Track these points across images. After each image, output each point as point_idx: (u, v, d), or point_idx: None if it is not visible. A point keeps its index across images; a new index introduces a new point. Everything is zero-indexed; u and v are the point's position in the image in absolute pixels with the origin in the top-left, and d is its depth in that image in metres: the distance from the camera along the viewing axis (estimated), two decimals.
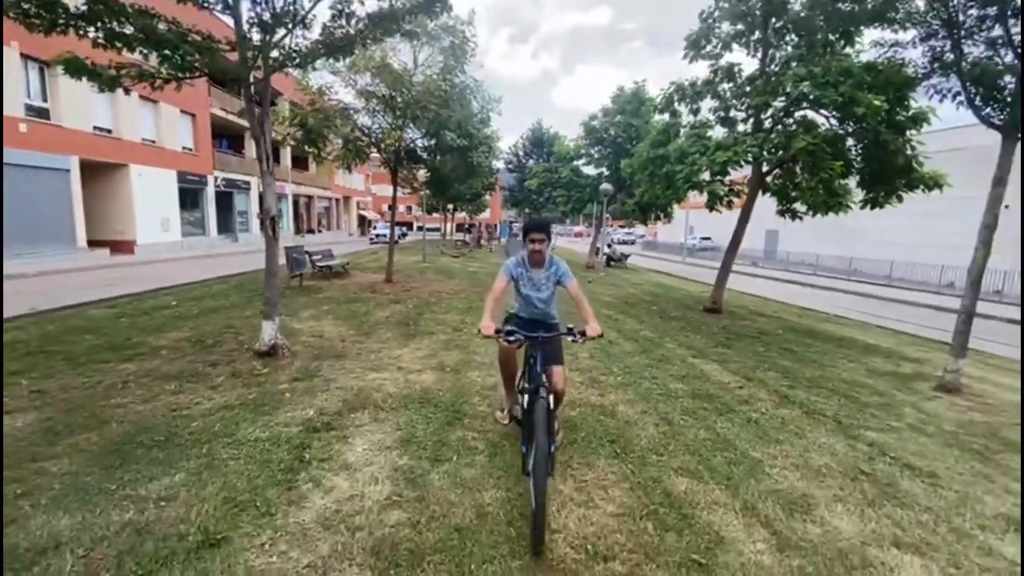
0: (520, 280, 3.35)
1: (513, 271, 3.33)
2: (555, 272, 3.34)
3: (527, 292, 3.37)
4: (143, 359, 5.25)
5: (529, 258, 3.31)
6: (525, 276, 3.34)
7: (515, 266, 3.34)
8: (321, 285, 11.67)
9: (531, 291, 3.37)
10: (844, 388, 5.65)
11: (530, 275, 3.34)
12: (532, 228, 3.24)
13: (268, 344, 5.35)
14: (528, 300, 3.41)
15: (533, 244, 3.20)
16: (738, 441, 3.96)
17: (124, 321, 7.03)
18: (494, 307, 3.12)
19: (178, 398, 4.19)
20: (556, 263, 3.35)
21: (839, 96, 7.85)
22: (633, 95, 20.06)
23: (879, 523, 2.93)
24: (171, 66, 4.54)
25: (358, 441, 3.52)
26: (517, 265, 3.34)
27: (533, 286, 3.36)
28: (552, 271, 3.35)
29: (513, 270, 3.33)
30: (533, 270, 3.34)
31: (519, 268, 3.34)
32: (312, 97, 10.49)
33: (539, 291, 3.37)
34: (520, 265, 3.34)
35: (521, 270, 3.34)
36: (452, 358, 5.86)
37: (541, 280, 3.35)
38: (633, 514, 2.86)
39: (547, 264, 3.34)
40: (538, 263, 3.33)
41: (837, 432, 4.31)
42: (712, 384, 5.48)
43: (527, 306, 3.44)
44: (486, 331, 2.91)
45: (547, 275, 3.35)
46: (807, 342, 8.16)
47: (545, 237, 3.23)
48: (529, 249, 3.24)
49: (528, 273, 3.34)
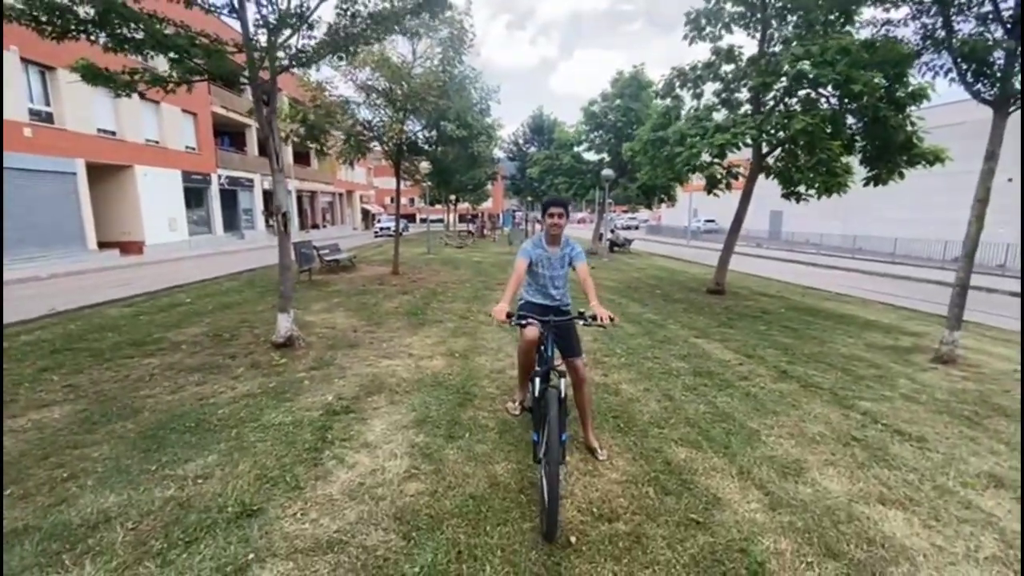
0: (539, 261, 3.33)
1: (532, 252, 3.30)
2: (569, 252, 3.35)
3: (542, 272, 3.35)
4: (165, 353, 5.49)
5: (547, 235, 3.30)
6: (543, 256, 3.32)
7: (534, 246, 3.33)
8: (330, 279, 11.90)
9: (547, 270, 3.34)
10: (842, 362, 5.81)
11: (548, 254, 3.32)
12: (552, 204, 3.22)
13: (284, 336, 5.57)
14: (543, 281, 3.39)
15: (552, 219, 3.19)
16: (736, 414, 4.15)
17: (143, 319, 7.28)
18: (514, 289, 3.07)
19: (203, 388, 4.42)
20: (571, 243, 3.37)
21: (837, 75, 7.91)
22: (632, 79, 20.02)
23: (867, 483, 3.12)
24: (181, 69, 4.71)
25: (376, 422, 3.74)
26: (536, 245, 3.33)
27: (550, 265, 3.34)
28: (567, 251, 3.35)
29: (532, 251, 3.30)
30: (551, 248, 3.32)
31: (537, 248, 3.32)
32: (313, 93, 10.61)
33: (554, 270, 3.36)
34: (539, 245, 3.33)
35: (540, 250, 3.32)
36: (460, 344, 6.06)
37: (556, 260, 3.34)
38: (636, 481, 3.06)
39: (563, 244, 3.35)
40: (555, 240, 3.31)
41: (832, 403, 4.49)
42: (713, 362, 5.66)
43: (540, 289, 3.42)
44: (498, 315, 2.76)
45: (562, 255, 3.35)
46: (808, 320, 8.30)
47: (564, 212, 3.21)
48: (548, 224, 3.21)
49: (546, 252, 3.32)
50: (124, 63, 4.82)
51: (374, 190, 59.38)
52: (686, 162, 9.28)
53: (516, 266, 3.23)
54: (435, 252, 20.85)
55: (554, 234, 3.26)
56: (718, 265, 11.21)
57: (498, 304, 2.85)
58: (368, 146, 11.62)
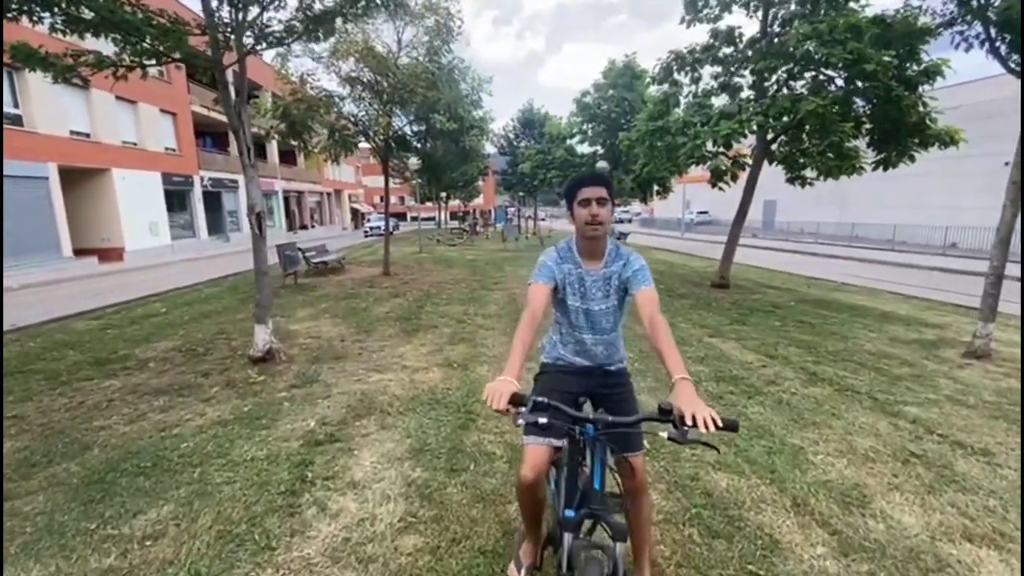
0: (567, 285, 1.94)
1: (556, 270, 1.92)
2: (620, 269, 1.91)
3: (573, 304, 1.95)
4: (129, 373, 4.93)
5: (579, 239, 1.92)
6: (574, 276, 1.93)
7: (559, 260, 1.94)
8: (317, 282, 11.33)
9: (581, 301, 1.94)
10: (871, 360, 5.38)
11: (581, 273, 1.93)
12: (584, 182, 1.85)
13: (263, 349, 5.04)
14: (575, 321, 1.97)
15: (587, 208, 1.80)
16: (773, 427, 3.69)
17: (110, 333, 6.69)
18: (528, 342, 1.70)
19: (167, 415, 3.88)
20: (623, 252, 1.95)
21: (848, 54, 7.46)
22: (625, 68, 19.54)
23: (943, 513, 2.66)
24: (134, 52, 4.14)
25: (365, 453, 3.23)
26: (563, 258, 1.95)
27: (585, 292, 1.94)
28: (617, 267, 1.92)
29: (556, 268, 1.92)
30: (587, 262, 1.93)
31: (565, 262, 1.94)
32: (293, 86, 10.01)
33: (594, 302, 1.94)
34: (566, 257, 1.95)
35: (568, 266, 1.94)
36: (458, 352, 5.55)
37: (596, 283, 1.93)
38: (675, 520, 2.58)
39: (609, 254, 1.93)
40: (595, 249, 1.92)
41: (875, 410, 4.04)
42: (734, 364, 5.20)
43: (571, 335, 2.01)
44: (495, 402, 1.44)
45: (607, 274, 1.92)
46: (822, 313, 7.88)
47: (607, 194, 1.83)
48: (581, 217, 1.83)
49: (579, 270, 1.93)
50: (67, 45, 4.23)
51: (363, 189, 58.50)
52: (690, 154, 8.80)
53: (530, 298, 1.84)
54: (427, 251, 20.29)
55: (592, 235, 1.85)
56: (722, 258, 10.76)
57: (499, 379, 1.52)
58: (354, 142, 11.03)
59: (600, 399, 1.99)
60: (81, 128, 17.62)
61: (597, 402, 2.00)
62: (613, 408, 1.89)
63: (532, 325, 1.73)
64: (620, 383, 2.03)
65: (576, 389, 1.96)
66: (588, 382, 1.99)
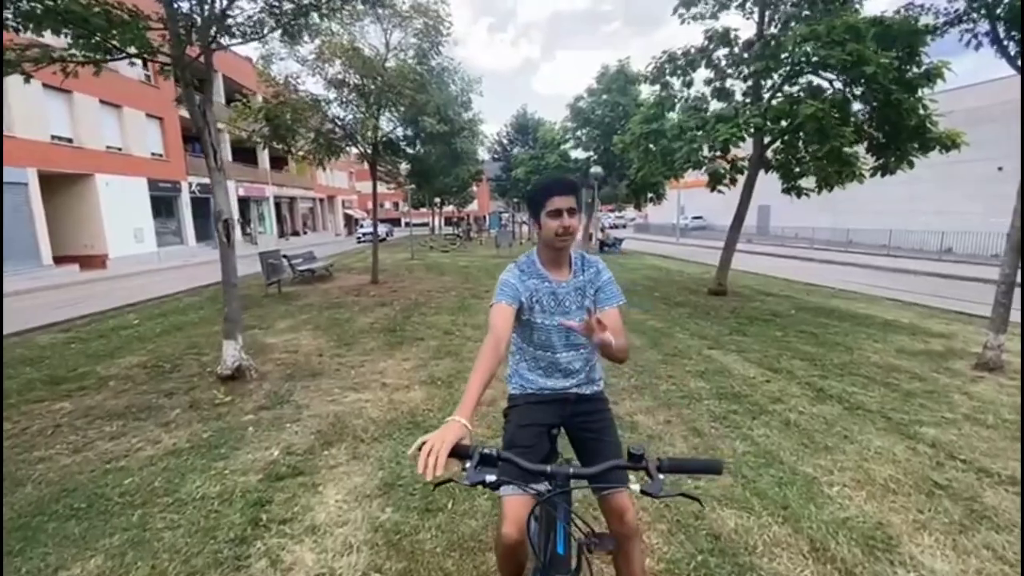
0: (535, 302, 1.71)
1: (520, 286, 1.68)
2: (592, 278, 1.76)
3: (541, 322, 1.72)
4: (85, 394, 4.56)
5: (544, 249, 1.72)
6: (543, 292, 1.71)
7: (522, 276, 1.71)
8: (302, 291, 10.96)
9: (549, 317, 1.72)
10: (879, 374, 5.09)
11: (550, 287, 1.72)
12: (550, 188, 1.64)
13: (232, 366, 4.68)
14: (545, 340, 1.75)
15: (557, 219, 1.61)
16: (782, 452, 3.38)
17: (74, 347, 6.30)
18: (490, 372, 1.43)
19: (117, 444, 3.52)
20: (590, 261, 1.81)
21: (847, 56, 7.24)
22: (619, 73, 19.38)
23: (979, 558, 2.35)
24: (85, 47, 3.81)
25: (331, 489, 2.88)
26: (526, 273, 1.73)
27: (556, 306, 1.72)
28: (591, 274, 1.77)
29: (520, 284, 1.68)
30: (554, 274, 1.73)
31: (529, 278, 1.72)
32: (277, 89, 9.69)
33: (571, 315, 1.70)
34: (530, 272, 1.73)
35: (533, 281, 1.71)
36: (443, 368, 5.22)
37: (571, 293, 1.73)
38: (678, 569, 2.25)
39: (575, 263, 1.77)
40: (561, 259, 1.73)
41: (890, 431, 3.74)
42: (736, 380, 4.89)
43: (542, 356, 1.77)
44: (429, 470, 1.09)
45: (580, 283, 1.74)
46: (824, 322, 7.61)
47: (575, 203, 1.64)
48: (549, 227, 1.63)
49: (549, 284, 1.72)
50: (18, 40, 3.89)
51: (357, 195, 58.09)
52: (686, 158, 8.54)
53: (492, 322, 1.58)
54: (419, 257, 19.94)
55: (562, 246, 1.67)
56: (719, 265, 10.49)
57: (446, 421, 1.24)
58: (340, 145, 10.71)
59: (576, 428, 1.78)
60: (63, 132, 17.22)
61: (573, 432, 1.79)
62: (590, 440, 1.73)
63: (496, 353, 1.47)
64: (598, 408, 1.81)
65: (548, 420, 1.73)
66: (562, 410, 1.77)
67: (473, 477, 1.15)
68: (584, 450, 1.76)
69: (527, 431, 1.69)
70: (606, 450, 1.68)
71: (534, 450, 1.62)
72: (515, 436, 1.69)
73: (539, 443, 1.66)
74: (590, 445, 1.73)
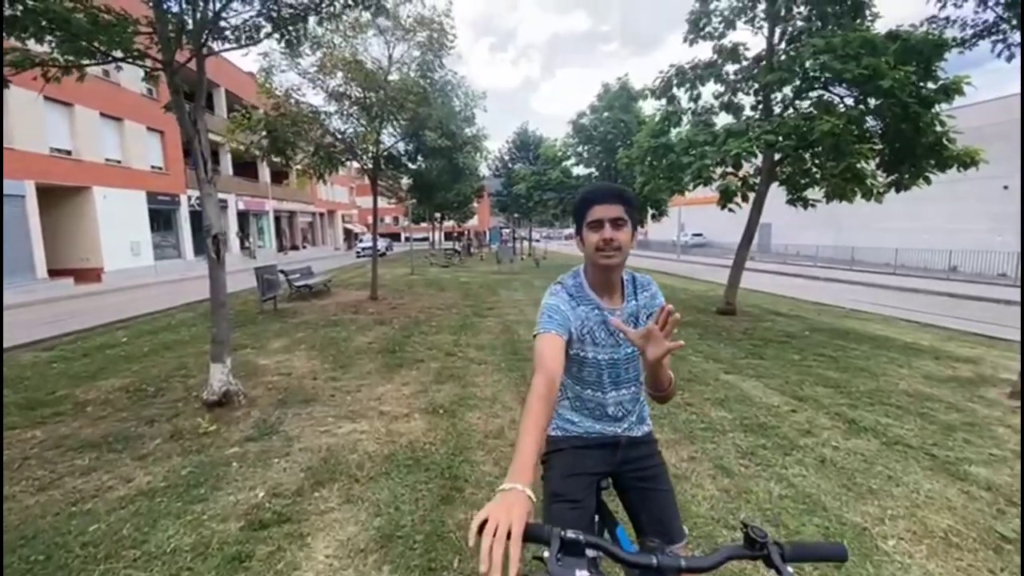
0: (585, 333, 1.47)
1: (571, 314, 1.43)
2: (651, 299, 1.53)
3: (593, 356, 1.49)
4: (61, 421, 4.22)
5: (593, 271, 1.47)
6: (594, 321, 1.47)
7: (571, 301, 1.46)
8: (298, 307, 10.64)
9: (602, 351, 1.48)
10: (912, 404, 4.77)
11: (604, 315, 1.46)
12: (593, 197, 1.39)
13: (219, 391, 4.36)
14: (599, 380, 1.52)
15: (599, 232, 1.36)
16: (824, 496, 3.04)
17: (56, 367, 5.97)
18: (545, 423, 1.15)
19: (87, 481, 3.18)
20: (644, 282, 1.56)
21: (863, 70, 7.06)
22: (621, 90, 19.33)
23: None
24: (68, 50, 3.57)
25: (320, 542, 2.54)
26: (575, 299, 1.47)
27: (609, 339, 1.48)
28: (645, 297, 1.53)
29: (570, 312, 1.43)
30: (606, 300, 1.47)
31: (580, 304, 1.46)
32: (277, 101, 9.50)
33: (617, 350, 1.49)
34: (579, 297, 1.47)
35: (584, 308, 1.46)
36: (445, 393, 4.89)
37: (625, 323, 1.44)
38: None
39: (629, 287, 1.52)
40: (612, 284, 1.48)
41: (937, 471, 3.41)
42: (759, 409, 4.57)
43: (595, 396, 1.54)
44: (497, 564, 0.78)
45: (634, 309, 1.50)
46: (841, 344, 7.30)
47: (625, 214, 1.37)
48: (593, 242, 1.38)
49: (600, 312, 1.46)
50: None
51: (357, 209, 58.09)
52: (697, 173, 8.30)
53: (540, 356, 1.29)
54: (419, 272, 19.66)
55: (605, 264, 1.39)
56: (728, 283, 10.21)
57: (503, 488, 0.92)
58: (340, 159, 10.50)
59: (626, 478, 1.55)
60: (62, 145, 17.06)
61: (623, 482, 1.56)
62: (643, 489, 1.51)
63: (550, 395, 1.18)
64: (649, 453, 1.58)
65: (597, 469, 1.52)
66: (611, 458, 1.55)
67: (559, 572, 0.84)
68: (637, 501, 1.51)
69: (575, 482, 1.46)
70: (662, 501, 1.48)
71: (583, 506, 1.43)
72: (562, 487, 1.45)
73: (588, 497, 1.45)
74: (645, 494, 1.50)
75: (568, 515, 1.38)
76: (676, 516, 1.47)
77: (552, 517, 1.39)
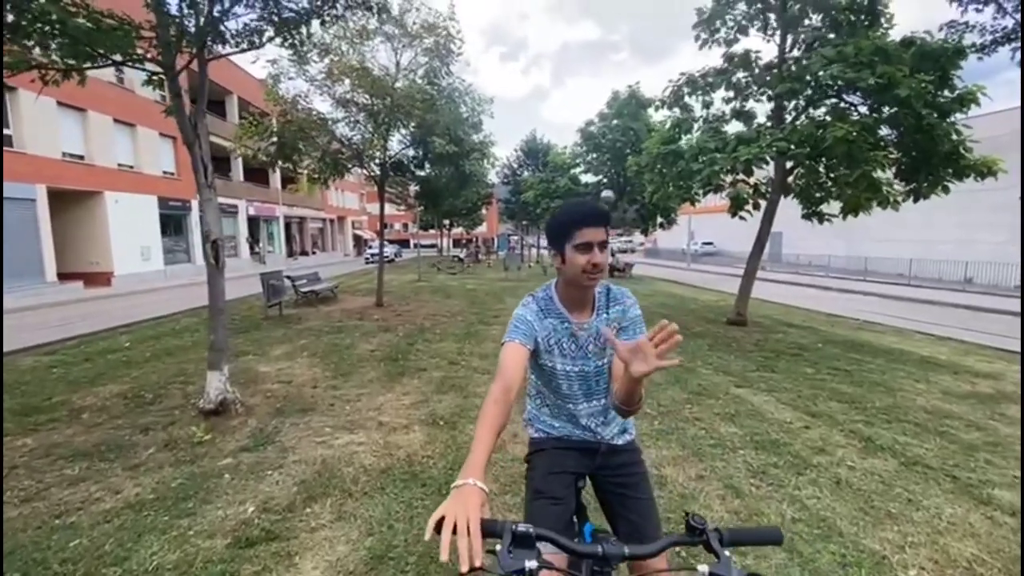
0: (552, 344, 1.51)
1: (537, 324, 1.48)
2: (623, 314, 1.53)
3: (562, 368, 1.52)
4: (54, 428, 4.15)
5: (568, 289, 1.49)
6: (562, 333, 1.51)
7: (539, 313, 1.50)
8: (304, 313, 10.60)
9: (571, 363, 1.52)
10: (930, 421, 4.58)
11: (571, 328, 1.50)
12: (584, 219, 1.37)
13: (215, 400, 4.28)
14: (569, 391, 1.55)
15: (587, 255, 1.37)
16: (839, 520, 2.88)
17: (55, 372, 5.93)
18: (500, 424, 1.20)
19: (74, 492, 3.10)
20: (619, 295, 1.55)
21: (878, 78, 6.92)
22: (630, 98, 19.27)
23: None
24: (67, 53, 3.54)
25: (308, 562, 2.43)
26: (544, 311, 1.51)
27: (577, 353, 1.51)
28: (617, 311, 1.53)
29: (537, 322, 1.49)
30: (575, 315, 1.51)
31: (547, 316, 1.51)
32: (283, 107, 9.52)
33: (586, 362, 1.52)
34: (548, 310, 1.51)
35: (552, 321, 1.51)
36: (446, 405, 4.77)
37: (591, 339, 1.51)
38: None
39: (599, 299, 1.53)
40: (585, 301, 1.51)
41: (959, 494, 3.24)
42: (771, 425, 4.40)
43: (567, 407, 1.57)
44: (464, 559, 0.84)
45: (605, 322, 1.51)
46: (855, 357, 7.10)
47: (606, 237, 1.39)
48: (581, 264, 1.37)
49: (568, 325, 1.50)
50: None
51: (367, 216, 58.38)
52: (707, 180, 8.16)
53: (502, 362, 1.37)
54: (426, 279, 19.63)
55: (587, 285, 1.43)
56: (739, 293, 10.03)
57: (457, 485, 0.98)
58: (346, 165, 10.48)
59: (605, 482, 1.58)
60: (75, 150, 17.26)
61: (602, 485, 1.58)
62: (622, 495, 1.53)
63: (506, 401, 1.26)
64: (630, 460, 1.60)
65: (575, 469, 1.56)
66: (590, 461, 1.58)
67: (509, 564, 0.90)
68: (615, 505, 1.53)
69: (556, 480, 1.50)
70: (640, 508, 1.49)
71: (564, 502, 1.46)
72: (544, 485, 1.49)
73: (568, 495, 1.49)
74: (622, 501, 1.52)
75: (550, 511, 1.41)
76: (654, 524, 1.47)
77: (534, 513, 1.42)
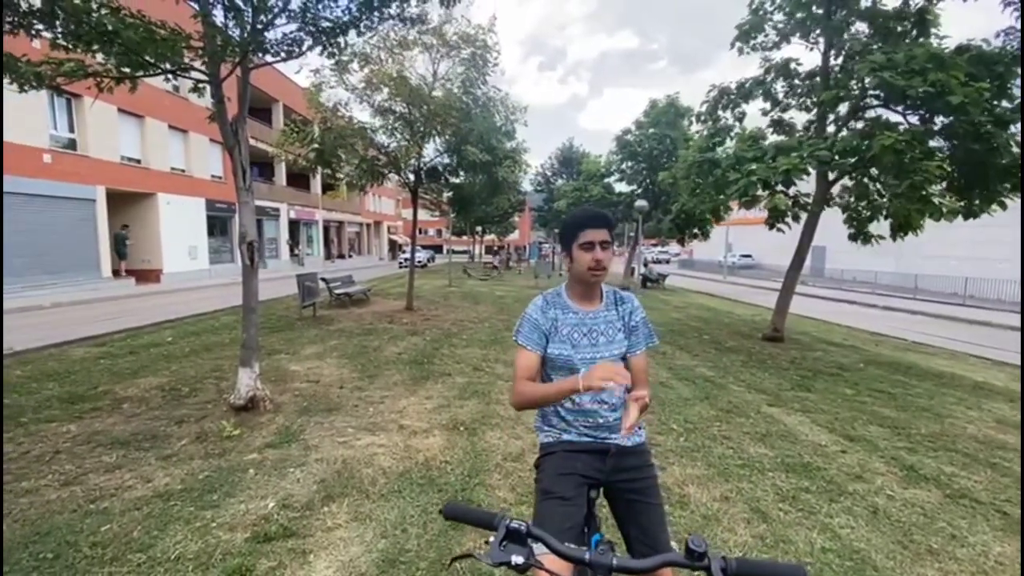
0: (563, 336, 1.60)
1: (543, 319, 1.60)
2: (630, 314, 1.66)
3: (569, 355, 1.59)
4: (97, 416, 4.37)
5: (576, 286, 1.64)
6: (572, 320, 1.61)
7: (545, 306, 1.63)
8: (336, 315, 10.85)
9: (580, 351, 1.59)
10: (981, 451, 4.28)
11: (581, 316, 1.62)
12: (585, 221, 1.55)
13: (245, 396, 4.41)
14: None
15: (592, 252, 1.53)
16: (874, 554, 2.71)
17: (102, 363, 6.24)
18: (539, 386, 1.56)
19: (109, 478, 3.24)
20: (626, 297, 1.70)
21: (930, 86, 6.58)
22: (669, 106, 19.02)
23: None
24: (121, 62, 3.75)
25: (321, 561, 2.45)
26: (550, 304, 1.63)
27: (588, 339, 1.60)
28: (625, 309, 1.66)
29: (542, 316, 1.60)
30: (584, 306, 1.64)
31: (553, 308, 1.63)
32: (324, 115, 9.83)
33: (605, 348, 1.61)
34: (554, 303, 1.64)
35: (557, 312, 1.62)
36: (468, 410, 4.77)
37: (600, 324, 1.62)
38: None
39: (607, 296, 1.67)
40: (592, 295, 1.65)
41: (1009, 532, 3.00)
42: (804, 447, 4.20)
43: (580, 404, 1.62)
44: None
45: (612, 318, 1.64)
46: (900, 380, 6.72)
47: (608, 237, 1.55)
48: (585, 261, 1.54)
49: (576, 314, 1.62)
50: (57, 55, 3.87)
51: (403, 221, 59.55)
52: (743, 191, 7.93)
53: (518, 364, 1.59)
54: (456, 284, 19.81)
55: (592, 280, 1.59)
56: (776, 308, 9.70)
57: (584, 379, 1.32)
58: (383, 172, 10.72)
59: (617, 489, 1.59)
60: (133, 154, 18.30)
61: (614, 493, 1.60)
62: (633, 501, 1.54)
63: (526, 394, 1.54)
64: (641, 463, 1.62)
65: (587, 473, 1.56)
66: (602, 464, 1.59)
67: (497, 556, 0.96)
68: (626, 513, 1.56)
69: (565, 481, 1.52)
70: (651, 515, 1.52)
71: (574, 504, 1.47)
72: (553, 485, 1.52)
73: (578, 497, 1.49)
74: (633, 507, 1.55)
75: (558, 511, 1.43)
76: (664, 531, 1.50)
77: (542, 513, 1.44)
